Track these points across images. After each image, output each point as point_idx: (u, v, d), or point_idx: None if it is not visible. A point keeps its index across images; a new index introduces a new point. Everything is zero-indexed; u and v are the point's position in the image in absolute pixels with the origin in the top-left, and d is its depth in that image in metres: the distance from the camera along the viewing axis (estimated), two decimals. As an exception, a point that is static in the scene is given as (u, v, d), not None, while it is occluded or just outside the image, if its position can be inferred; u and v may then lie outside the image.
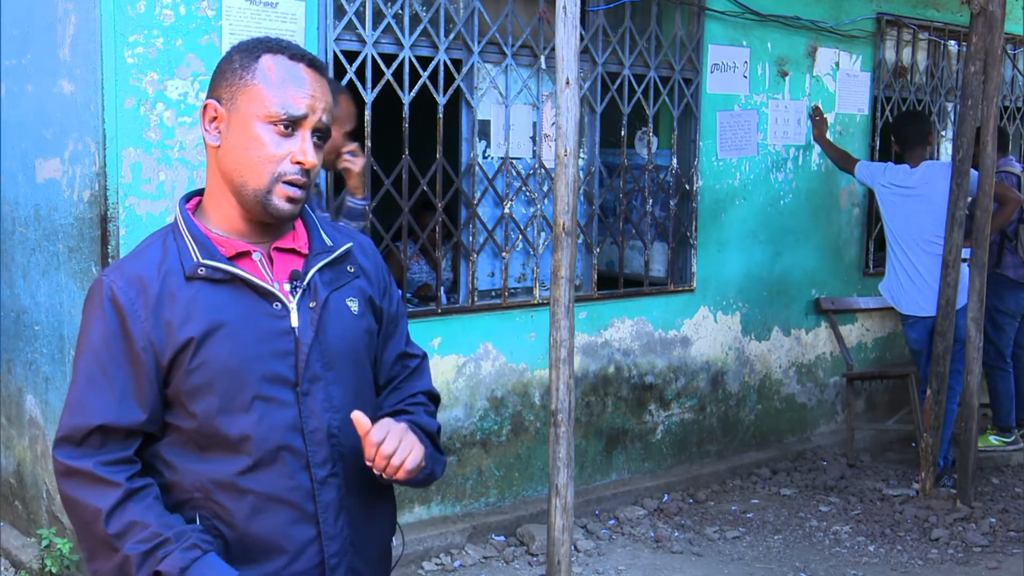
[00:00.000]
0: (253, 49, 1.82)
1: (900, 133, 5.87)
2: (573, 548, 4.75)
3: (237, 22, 4.11)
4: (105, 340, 1.77)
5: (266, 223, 1.85)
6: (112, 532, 1.72)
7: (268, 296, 1.82)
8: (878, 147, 6.64)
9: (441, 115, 4.80)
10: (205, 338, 1.76)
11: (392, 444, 1.79)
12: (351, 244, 1.96)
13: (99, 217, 3.95)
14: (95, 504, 1.73)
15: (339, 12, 4.42)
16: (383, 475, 1.82)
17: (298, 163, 1.79)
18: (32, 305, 4.46)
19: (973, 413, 5.43)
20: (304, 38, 4.26)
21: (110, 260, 3.94)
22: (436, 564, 4.68)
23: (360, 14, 4.49)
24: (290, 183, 1.79)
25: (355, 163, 3.63)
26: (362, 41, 4.51)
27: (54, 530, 4.33)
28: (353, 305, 1.92)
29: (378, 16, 4.55)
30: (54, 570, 4.23)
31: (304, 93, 1.79)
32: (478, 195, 4.96)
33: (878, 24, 6.46)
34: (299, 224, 1.93)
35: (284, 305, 1.82)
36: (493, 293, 5.16)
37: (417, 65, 4.70)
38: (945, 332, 5.39)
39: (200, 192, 1.92)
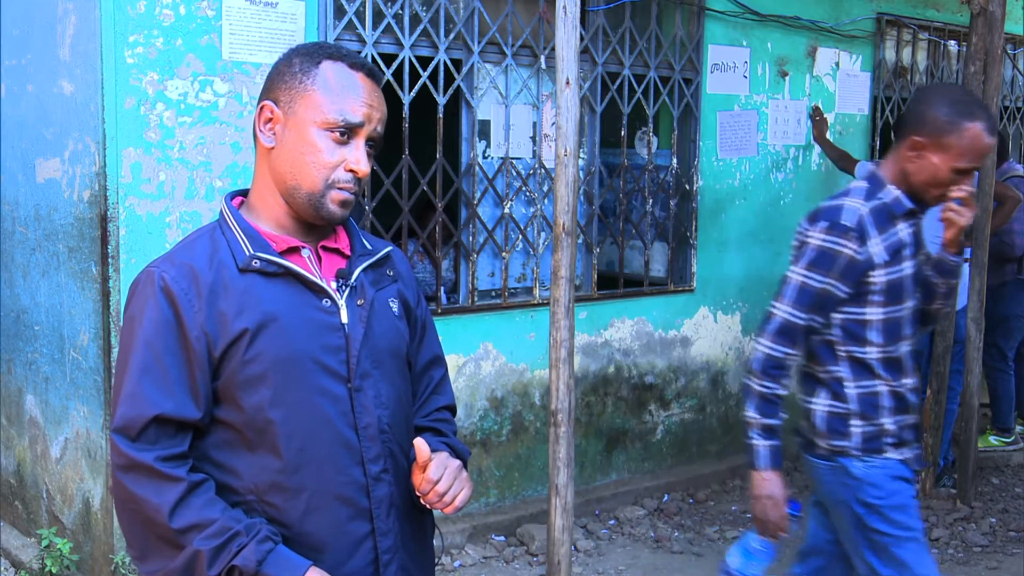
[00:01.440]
0: (314, 54, 1.83)
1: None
2: (573, 548, 4.75)
3: (237, 22, 4.11)
4: (158, 329, 1.75)
5: (313, 223, 1.87)
6: (177, 527, 1.70)
7: (319, 292, 1.83)
8: (878, 147, 6.64)
9: (441, 115, 4.80)
10: (260, 330, 1.76)
11: (446, 483, 1.85)
12: (391, 248, 1.99)
13: (99, 217, 3.95)
14: (156, 500, 1.71)
15: (339, 12, 4.42)
16: (427, 504, 1.88)
17: (351, 171, 1.81)
18: (32, 305, 4.46)
19: (973, 413, 5.43)
20: (304, 38, 4.26)
21: (110, 260, 3.94)
22: (436, 564, 4.67)
23: (360, 14, 4.49)
24: (342, 188, 1.81)
25: (962, 215, 2.86)
26: (362, 41, 4.51)
27: (54, 530, 4.33)
28: (394, 306, 1.95)
29: (378, 16, 4.55)
30: (54, 570, 4.22)
31: (362, 102, 1.81)
32: (478, 195, 4.96)
33: (878, 24, 6.46)
34: (340, 229, 1.95)
35: (334, 301, 1.84)
36: (493, 293, 5.16)
37: (417, 65, 4.70)
38: (945, 332, 5.39)
39: (241, 192, 1.94)
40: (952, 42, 6.92)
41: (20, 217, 4.52)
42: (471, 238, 4.97)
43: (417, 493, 1.87)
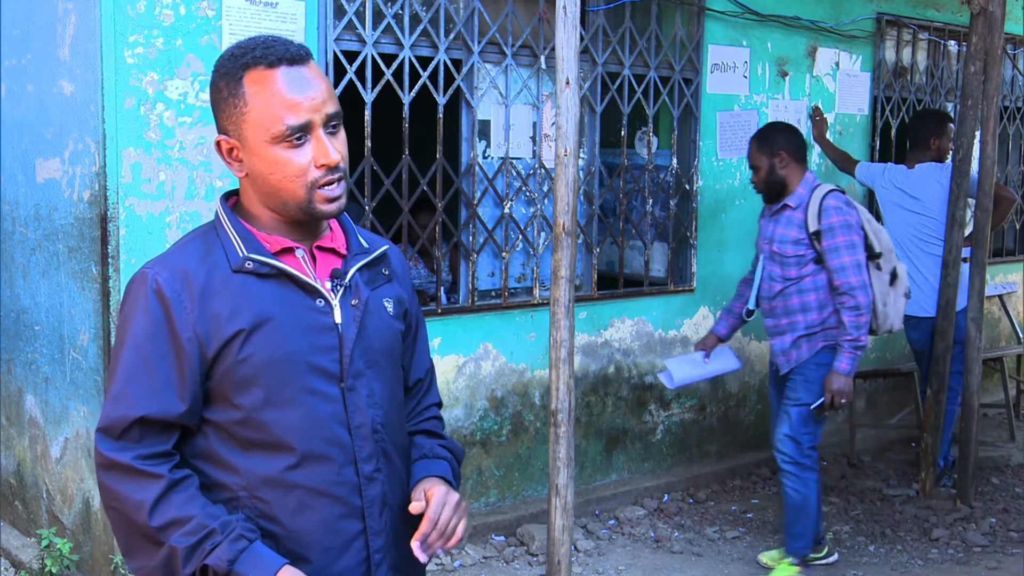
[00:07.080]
0: (233, 72, 1.78)
1: (909, 130, 5.93)
2: (573, 548, 4.75)
3: (237, 22, 4.11)
4: (149, 332, 1.76)
5: (307, 223, 1.86)
6: (156, 525, 1.71)
7: (312, 292, 1.83)
8: (878, 147, 6.64)
9: (441, 115, 4.80)
10: (253, 331, 1.76)
11: (447, 517, 1.86)
12: (387, 247, 1.98)
13: (99, 217, 3.95)
14: (137, 497, 1.72)
15: (339, 12, 4.42)
16: (425, 549, 1.85)
17: (323, 165, 1.78)
18: (32, 305, 4.46)
19: (973, 413, 5.43)
20: (304, 38, 4.26)
21: (110, 260, 3.94)
22: (436, 564, 4.68)
23: (360, 14, 4.49)
24: (326, 185, 1.79)
25: None
26: (362, 41, 4.51)
27: (54, 530, 4.33)
28: (389, 306, 1.94)
29: (378, 16, 4.55)
30: (54, 570, 4.22)
31: (297, 99, 1.76)
32: (478, 195, 4.96)
33: (878, 24, 6.46)
34: (336, 226, 1.94)
35: (328, 302, 1.84)
36: (493, 293, 5.16)
37: (417, 65, 4.70)
38: (945, 332, 5.39)
39: (236, 191, 1.93)
40: (952, 42, 6.93)
41: (20, 217, 4.52)
42: (471, 238, 4.97)
43: (420, 541, 1.85)
